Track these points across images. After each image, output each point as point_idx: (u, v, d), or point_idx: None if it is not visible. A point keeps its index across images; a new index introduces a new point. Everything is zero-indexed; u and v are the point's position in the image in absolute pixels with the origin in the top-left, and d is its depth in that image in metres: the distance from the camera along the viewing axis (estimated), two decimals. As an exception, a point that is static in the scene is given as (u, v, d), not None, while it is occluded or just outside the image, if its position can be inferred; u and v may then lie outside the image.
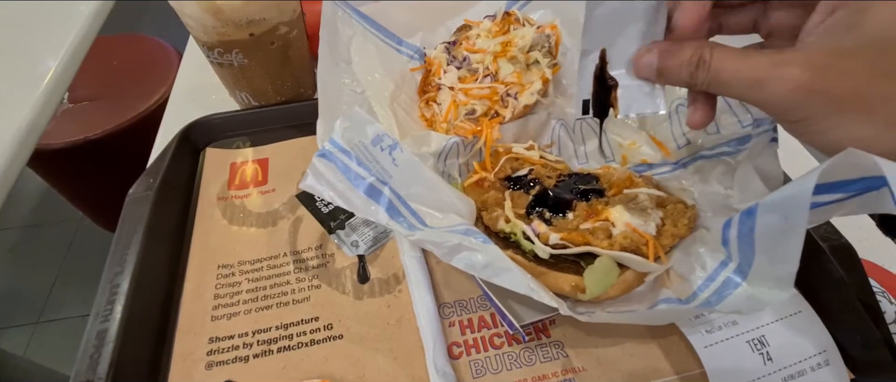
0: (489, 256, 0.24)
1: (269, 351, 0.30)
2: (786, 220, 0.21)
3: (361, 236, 0.35)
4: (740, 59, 0.21)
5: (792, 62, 0.20)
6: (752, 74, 0.21)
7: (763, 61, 0.20)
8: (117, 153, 0.99)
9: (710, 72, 0.22)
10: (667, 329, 0.29)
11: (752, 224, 0.23)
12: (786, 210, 0.21)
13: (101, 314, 0.29)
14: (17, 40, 0.53)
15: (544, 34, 0.38)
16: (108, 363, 0.27)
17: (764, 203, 0.22)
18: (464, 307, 0.31)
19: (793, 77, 0.20)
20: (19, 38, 0.53)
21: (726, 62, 0.22)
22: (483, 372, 0.29)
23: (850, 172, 0.20)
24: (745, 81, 0.21)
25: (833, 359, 0.28)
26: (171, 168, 0.37)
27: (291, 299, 0.32)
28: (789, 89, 0.20)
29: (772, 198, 0.22)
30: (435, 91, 0.40)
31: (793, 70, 0.20)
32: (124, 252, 0.32)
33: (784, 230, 0.22)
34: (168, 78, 1.04)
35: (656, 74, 0.24)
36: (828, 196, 0.21)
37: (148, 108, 1.00)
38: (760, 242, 0.23)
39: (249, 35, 0.36)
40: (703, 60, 0.22)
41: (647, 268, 0.26)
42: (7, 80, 0.49)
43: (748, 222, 0.23)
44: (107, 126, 0.96)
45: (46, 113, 0.48)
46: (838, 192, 0.21)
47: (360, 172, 0.26)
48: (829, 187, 0.21)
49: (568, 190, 0.31)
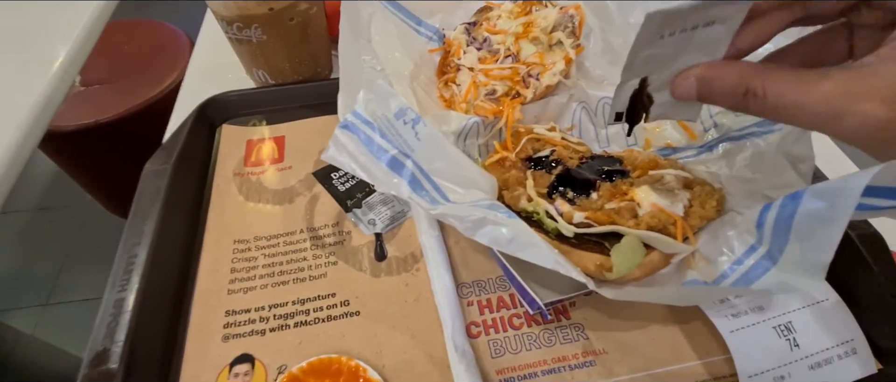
0: (515, 230, 0.23)
1: (286, 326, 0.29)
2: (830, 209, 0.21)
3: (378, 215, 0.34)
4: (804, 88, 0.18)
5: (871, 95, 0.17)
6: (824, 108, 0.18)
7: (835, 91, 0.18)
8: (128, 137, 0.99)
9: (767, 103, 0.19)
10: (690, 315, 0.29)
11: (795, 209, 0.22)
12: (833, 200, 0.21)
13: (119, 283, 0.28)
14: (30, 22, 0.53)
15: (568, 14, 0.37)
16: (126, 331, 0.26)
17: (813, 189, 0.22)
18: (482, 287, 0.31)
19: (874, 116, 0.17)
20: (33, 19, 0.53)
21: (786, 93, 0.19)
22: (502, 352, 0.28)
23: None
24: (814, 116, 0.18)
25: (860, 348, 0.27)
26: (188, 144, 0.37)
27: (308, 275, 0.32)
28: (873, 129, 0.18)
29: (821, 186, 0.21)
30: (454, 72, 0.39)
31: (873, 107, 0.17)
32: (141, 224, 0.31)
33: (826, 219, 0.21)
34: (179, 63, 1.04)
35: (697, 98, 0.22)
36: (875, 200, 0.20)
37: (159, 92, 1.00)
38: (798, 228, 0.23)
39: (269, 10, 0.36)
40: (752, 92, 0.20)
41: (674, 249, 0.26)
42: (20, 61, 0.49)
43: (791, 206, 0.23)
44: (118, 110, 0.96)
45: (58, 94, 0.47)
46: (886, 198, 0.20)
47: (383, 144, 0.26)
48: (878, 191, 0.20)
49: (591, 170, 0.30)
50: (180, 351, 0.28)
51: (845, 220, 0.20)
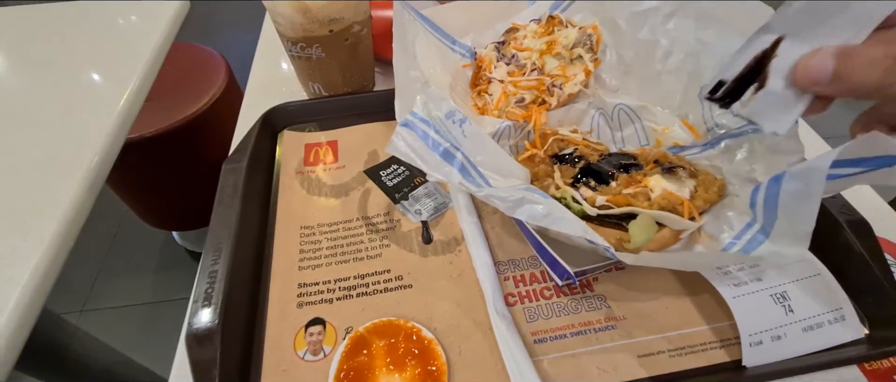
0: (549, 207, 0.28)
1: (350, 296, 0.34)
2: (806, 186, 0.25)
3: (423, 206, 0.40)
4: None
5: None
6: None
7: None
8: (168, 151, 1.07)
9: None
10: (698, 288, 0.33)
11: (778, 189, 0.27)
12: (807, 178, 0.25)
13: (211, 257, 0.34)
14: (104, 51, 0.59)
15: (586, 33, 0.43)
16: (220, 296, 0.32)
17: (790, 172, 0.26)
18: (516, 264, 0.36)
19: None
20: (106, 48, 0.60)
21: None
22: (535, 318, 0.33)
23: (869, 150, 0.24)
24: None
25: (848, 315, 0.31)
26: (256, 146, 0.43)
27: (365, 255, 0.37)
28: None
29: (797, 168, 0.26)
30: (486, 84, 0.45)
31: None
32: (225, 212, 0.37)
33: (804, 195, 0.26)
34: (215, 81, 1.12)
35: (830, 79, 0.21)
36: (847, 169, 0.25)
37: (198, 109, 1.08)
38: (783, 205, 0.27)
39: (329, 31, 0.42)
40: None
41: (681, 226, 0.30)
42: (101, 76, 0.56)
43: (775, 187, 0.27)
44: (161, 125, 1.04)
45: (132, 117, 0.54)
46: (857, 166, 0.25)
47: (437, 139, 0.31)
48: (849, 163, 0.25)
49: (610, 164, 0.35)
50: (263, 315, 0.33)
51: (819, 193, 0.24)
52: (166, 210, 1.28)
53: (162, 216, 1.31)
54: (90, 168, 0.44)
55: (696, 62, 0.38)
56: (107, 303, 1.37)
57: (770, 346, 0.30)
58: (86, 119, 0.49)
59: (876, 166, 0.24)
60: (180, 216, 1.32)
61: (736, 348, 0.31)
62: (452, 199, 0.40)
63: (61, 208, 0.40)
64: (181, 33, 0.69)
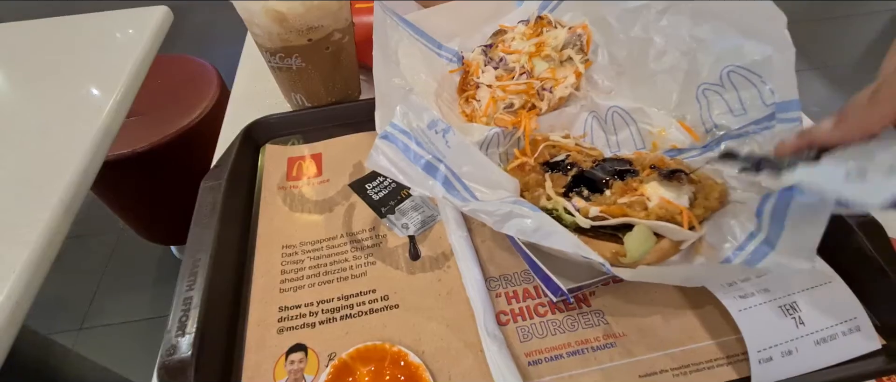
0: (538, 221, 0.27)
1: (333, 319, 0.33)
2: (818, 200, 0.24)
3: (411, 220, 0.38)
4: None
5: None
6: None
7: None
8: (163, 165, 1.05)
9: None
10: (702, 300, 0.31)
11: (790, 200, 0.25)
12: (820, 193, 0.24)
13: (186, 283, 0.32)
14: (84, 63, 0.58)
15: (576, 34, 0.41)
16: (195, 324, 0.30)
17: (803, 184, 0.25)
18: (508, 280, 0.34)
19: None
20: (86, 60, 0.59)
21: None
22: (529, 337, 0.31)
23: None
24: None
25: (863, 325, 0.29)
26: (237, 162, 0.41)
27: (350, 274, 0.35)
28: None
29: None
30: (474, 89, 0.43)
31: None
32: (202, 232, 0.35)
33: (815, 209, 0.24)
34: (207, 93, 1.11)
35: None
36: None
37: (191, 121, 1.06)
38: (793, 216, 0.26)
39: (308, 40, 0.41)
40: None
41: (681, 236, 0.29)
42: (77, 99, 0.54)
43: (786, 197, 0.26)
44: (153, 139, 1.02)
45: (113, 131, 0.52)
46: None
47: (419, 151, 0.29)
48: None
49: (604, 171, 0.33)
50: (242, 342, 0.32)
51: (829, 209, 0.23)
52: (162, 225, 1.27)
53: (158, 231, 1.29)
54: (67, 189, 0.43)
55: (692, 61, 0.36)
56: (106, 320, 1.36)
57: (781, 362, 0.28)
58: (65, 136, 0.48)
59: None
60: (177, 230, 1.30)
61: (744, 364, 0.29)
62: (441, 212, 0.38)
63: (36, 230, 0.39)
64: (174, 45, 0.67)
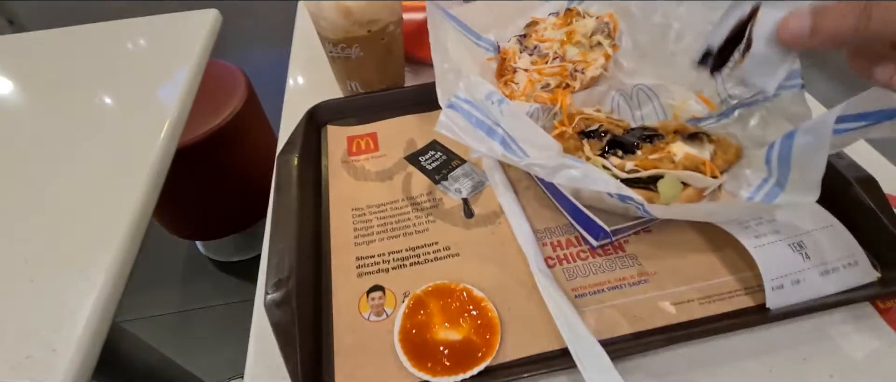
0: (585, 170, 0.32)
1: (403, 265, 0.38)
2: (816, 138, 0.29)
3: (462, 185, 0.43)
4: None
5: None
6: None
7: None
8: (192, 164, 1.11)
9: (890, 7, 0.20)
10: (722, 244, 0.37)
11: (791, 144, 0.30)
12: (817, 131, 0.29)
13: (277, 237, 0.38)
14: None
15: (603, 22, 0.47)
16: (290, 267, 0.35)
17: (802, 127, 0.30)
18: (552, 232, 0.39)
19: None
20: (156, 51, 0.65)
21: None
22: (574, 276, 0.36)
23: (873, 105, 0.27)
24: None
25: (861, 260, 0.34)
26: (305, 140, 0.47)
27: (414, 230, 0.40)
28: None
29: (807, 123, 0.29)
30: (512, 74, 0.48)
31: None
32: (285, 197, 0.41)
33: (815, 147, 0.29)
34: (236, 95, 1.17)
35: (809, 33, 0.23)
36: (852, 124, 0.28)
37: (220, 122, 1.12)
38: (796, 158, 0.31)
39: (368, 32, 0.46)
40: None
41: (704, 183, 0.34)
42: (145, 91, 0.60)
43: (788, 142, 0.31)
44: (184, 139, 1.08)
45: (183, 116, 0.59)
46: (861, 121, 0.28)
47: (480, 117, 0.35)
48: (853, 117, 0.28)
49: (634, 137, 0.39)
50: (328, 283, 0.37)
51: (827, 144, 0.28)
52: (189, 221, 1.32)
53: (185, 227, 1.35)
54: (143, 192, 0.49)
55: (707, 42, 0.42)
56: (136, 314, 1.41)
57: (790, 289, 0.33)
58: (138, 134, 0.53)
59: (878, 119, 0.27)
60: (203, 227, 1.36)
61: (759, 294, 0.34)
62: (489, 177, 0.43)
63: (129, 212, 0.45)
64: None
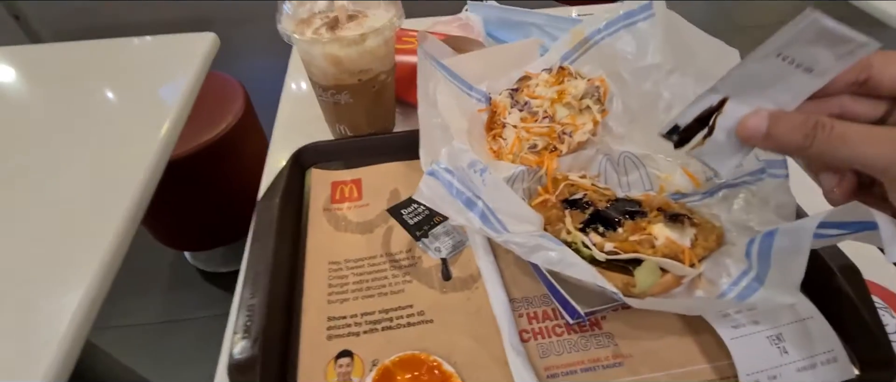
0: (562, 254, 0.31)
1: (375, 329, 0.37)
2: (796, 243, 0.28)
3: (443, 243, 0.43)
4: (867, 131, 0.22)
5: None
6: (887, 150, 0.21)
7: None
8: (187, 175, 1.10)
9: (833, 134, 0.22)
10: (700, 328, 0.36)
11: (771, 243, 0.30)
12: (797, 236, 0.28)
13: (248, 291, 0.37)
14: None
15: (594, 85, 0.47)
16: (259, 328, 0.34)
17: (782, 229, 0.29)
18: (530, 302, 0.38)
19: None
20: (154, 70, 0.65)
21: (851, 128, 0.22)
22: (548, 354, 0.35)
23: (851, 216, 0.27)
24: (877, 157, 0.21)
25: (840, 356, 0.33)
26: (288, 183, 0.46)
27: (389, 290, 0.40)
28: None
29: (788, 226, 0.29)
30: (500, 128, 0.48)
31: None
32: (261, 246, 0.40)
33: (794, 251, 0.29)
34: (233, 107, 1.17)
35: (763, 136, 0.25)
36: (832, 231, 0.28)
37: (217, 134, 1.12)
38: (776, 258, 0.30)
39: (358, 80, 0.46)
40: (820, 124, 0.22)
41: (683, 272, 0.33)
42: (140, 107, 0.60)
43: (768, 241, 0.30)
44: (180, 150, 1.07)
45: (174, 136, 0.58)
46: (841, 229, 0.28)
47: (461, 188, 0.34)
48: (834, 225, 0.28)
49: (617, 211, 0.38)
50: (296, 346, 0.36)
51: (807, 250, 0.27)
52: (179, 232, 1.31)
53: (175, 237, 1.34)
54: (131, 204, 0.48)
55: (696, 115, 0.41)
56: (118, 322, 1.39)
57: (766, 386, 0.32)
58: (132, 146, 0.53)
59: (857, 229, 0.27)
60: (193, 238, 1.35)
61: (735, 386, 0.33)
62: (470, 239, 0.43)
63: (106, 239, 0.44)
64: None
